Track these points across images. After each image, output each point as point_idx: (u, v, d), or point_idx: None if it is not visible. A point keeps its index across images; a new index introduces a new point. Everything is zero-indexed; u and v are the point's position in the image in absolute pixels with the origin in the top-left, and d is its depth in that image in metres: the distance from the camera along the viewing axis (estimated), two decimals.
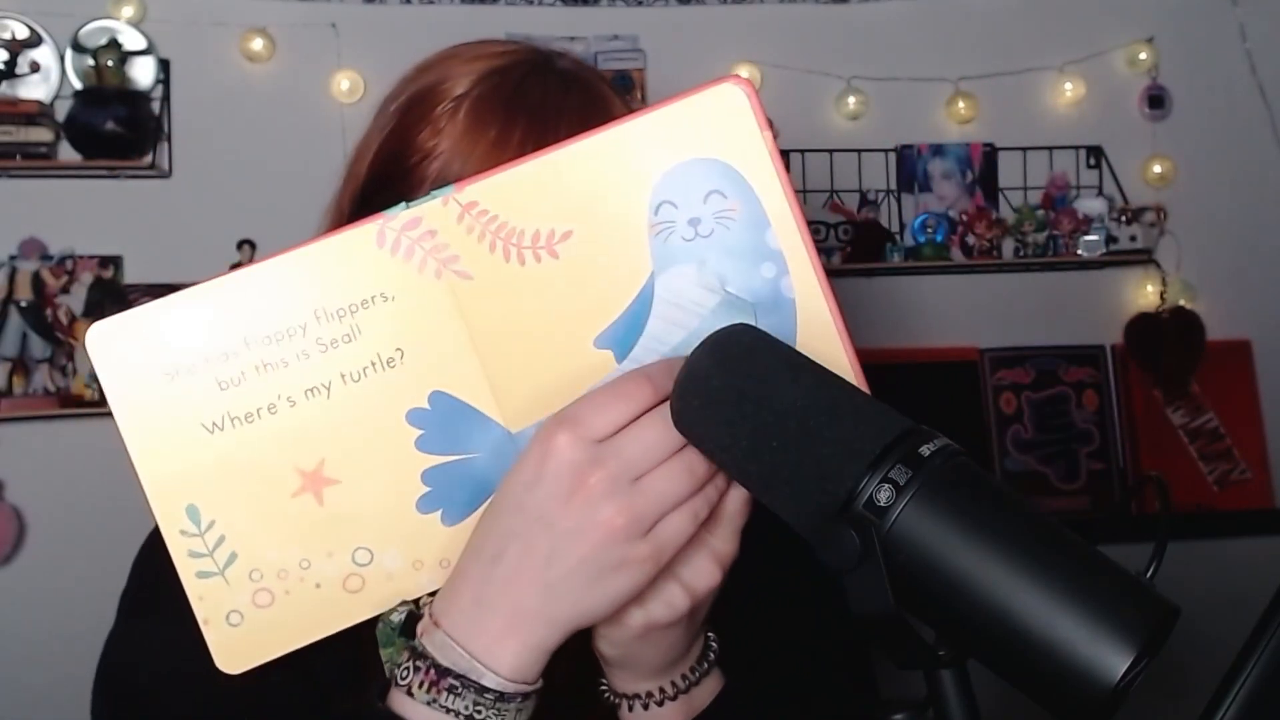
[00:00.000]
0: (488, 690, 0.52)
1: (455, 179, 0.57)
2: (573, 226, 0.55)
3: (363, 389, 0.55)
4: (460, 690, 0.52)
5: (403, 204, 0.55)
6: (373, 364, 0.55)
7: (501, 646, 0.53)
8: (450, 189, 0.55)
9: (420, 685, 0.53)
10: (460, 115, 0.67)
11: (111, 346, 0.54)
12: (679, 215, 0.55)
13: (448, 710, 0.52)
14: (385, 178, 0.69)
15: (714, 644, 0.64)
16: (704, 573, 0.57)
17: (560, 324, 0.56)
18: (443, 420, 0.56)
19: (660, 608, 0.57)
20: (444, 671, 0.53)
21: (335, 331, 0.55)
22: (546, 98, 0.68)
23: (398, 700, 0.54)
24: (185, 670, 0.57)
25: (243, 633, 0.56)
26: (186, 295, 0.55)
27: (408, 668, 0.54)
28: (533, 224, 0.55)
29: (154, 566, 0.57)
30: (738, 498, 0.57)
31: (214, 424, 0.55)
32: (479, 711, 0.52)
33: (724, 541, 0.57)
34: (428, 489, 0.57)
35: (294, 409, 0.55)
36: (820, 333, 0.55)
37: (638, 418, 0.53)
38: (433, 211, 0.55)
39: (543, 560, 0.52)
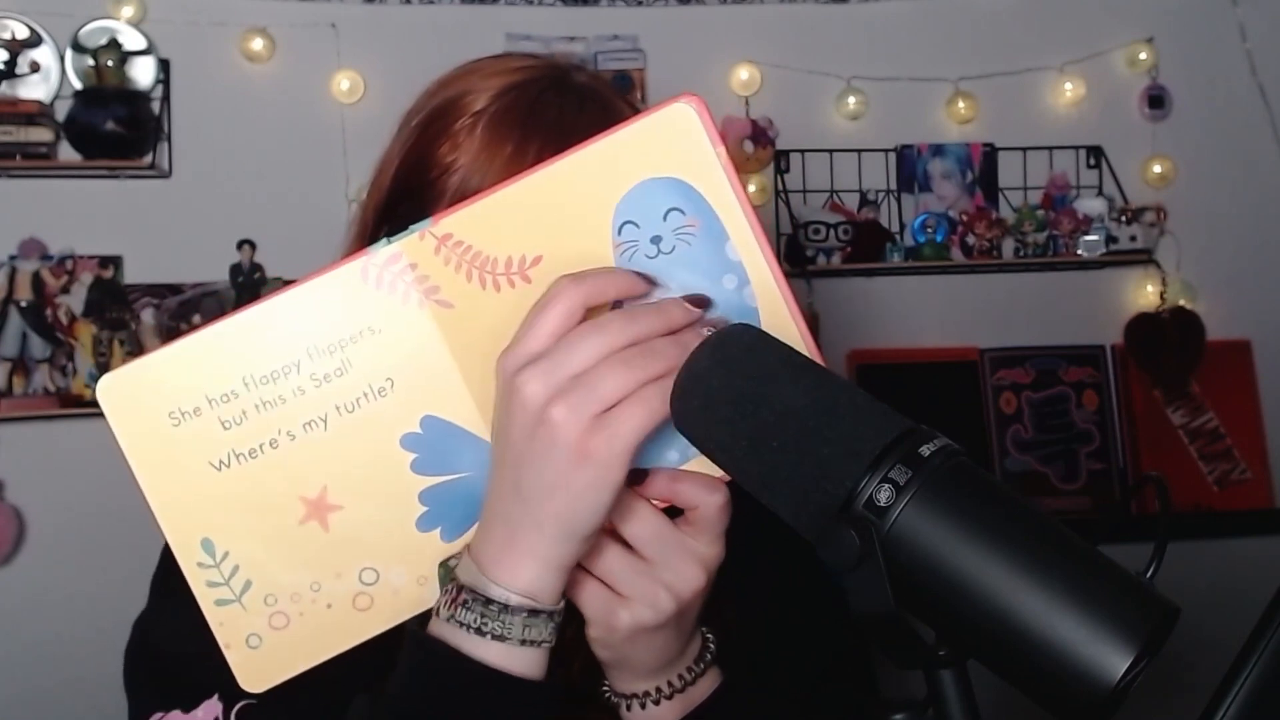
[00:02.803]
0: (492, 601, 0.55)
1: (474, 193, 0.59)
2: (542, 251, 0.57)
3: (357, 419, 0.58)
4: (470, 603, 0.55)
5: (384, 240, 0.57)
6: (365, 394, 0.58)
7: (507, 560, 0.55)
8: (427, 223, 0.57)
9: (445, 605, 0.57)
10: (478, 131, 0.69)
11: (120, 396, 0.57)
12: (641, 234, 0.57)
13: (461, 624, 0.55)
14: (407, 190, 0.71)
15: (711, 643, 0.65)
16: (688, 576, 0.58)
17: None
18: (435, 443, 0.59)
19: (646, 611, 0.58)
20: (461, 588, 0.56)
21: (328, 366, 0.58)
22: (562, 114, 0.70)
23: (430, 624, 0.57)
24: (216, 645, 0.59)
25: (262, 654, 0.59)
26: (186, 342, 0.57)
27: (442, 594, 0.57)
28: (504, 252, 0.57)
29: None
30: (715, 502, 0.58)
31: (221, 461, 0.58)
32: (485, 623, 0.55)
33: (707, 545, 0.59)
34: (426, 508, 0.59)
35: (294, 442, 0.58)
36: (784, 339, 0.56)
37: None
38: (411, 246, 0.57)
39: (511, 471, 0.54)
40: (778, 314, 0.58)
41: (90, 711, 1.62)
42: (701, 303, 0.56)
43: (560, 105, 0.70)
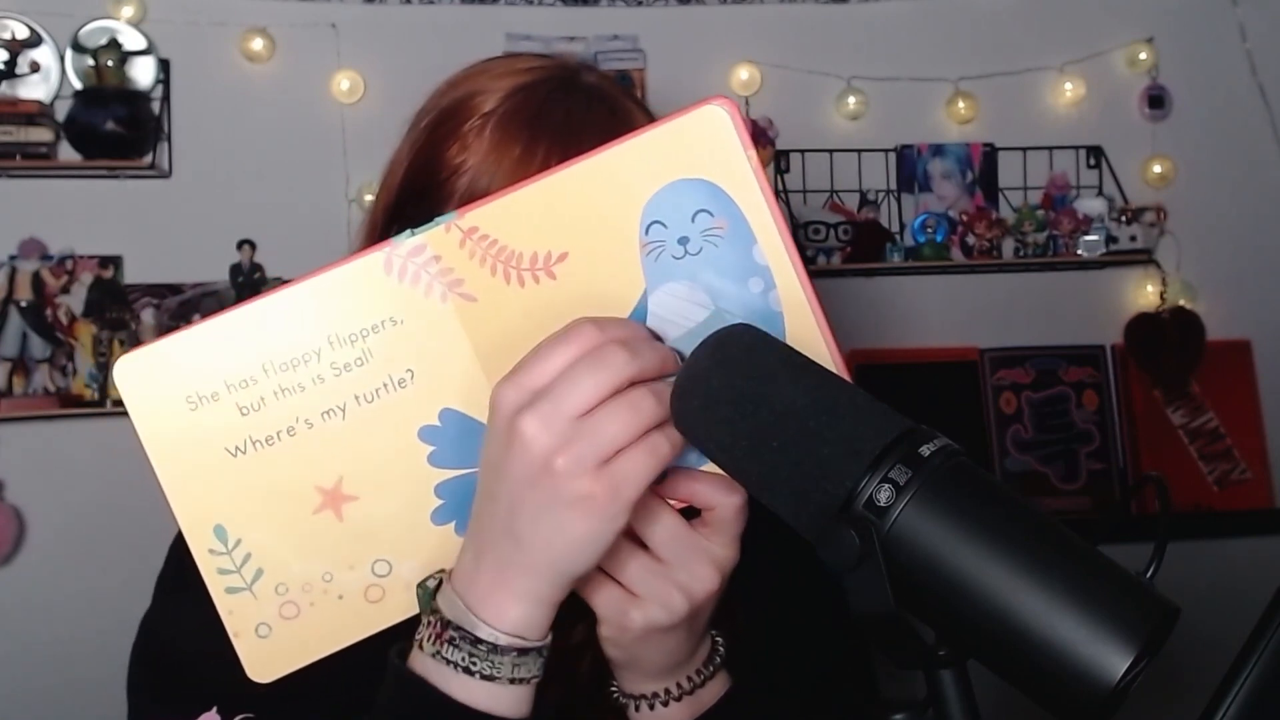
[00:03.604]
0: (481, 641, 0.54)
1: (483, 193, 0.59)
2: (568, 248, 0.57)
3: (376, 409, 0.58)
4: (458, 641, 0.54)
5: (408, 231, 0.57)
6: (385, 385, 0.58)
7: (495, 599, 0.54)
8: (452, 215, 0.57)
9: (429, 639, 0.56)
10: (487, 132, 0.69)
11: (137, 378, 0.56)
12: (669, 234, 0.57)
13: (448, 661, 0.55)
14: (416, 191, 0.71)
15: (721, 646, 0.65)
16: (703, 578, 0.58)
17: None
18: (453, 436, 0.58)
19: (659, 611, 0.58)
20: (447, 624, 0.55)
21: (348, 355, 0.57)
22: (570, 115, 0.70)
23: (412, 655, 0.56)
24: (222, 644, 0.59)
25: (271, 644, 0.59)
26: (206, 326, 0.57)
27: (425, 624, 0.56)
28: (530, 247, 0.57)
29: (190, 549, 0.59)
30: (733, 504, 0.57)
31: (237, 448, 0.57)
32: (474, 663, 0.54)
33: (723, 547, 0.58)
34: (441, 502, 0.59)
35: (312, 430, 0.57)
36: (808, 345, 0.56)
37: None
38: (436, 238, 0.57)
39: (505, 511, 0.53)
40: (803, 319, 0.57)
41: (90, 712, 1.62)
42: None
43: (568, 106, 0.70)
